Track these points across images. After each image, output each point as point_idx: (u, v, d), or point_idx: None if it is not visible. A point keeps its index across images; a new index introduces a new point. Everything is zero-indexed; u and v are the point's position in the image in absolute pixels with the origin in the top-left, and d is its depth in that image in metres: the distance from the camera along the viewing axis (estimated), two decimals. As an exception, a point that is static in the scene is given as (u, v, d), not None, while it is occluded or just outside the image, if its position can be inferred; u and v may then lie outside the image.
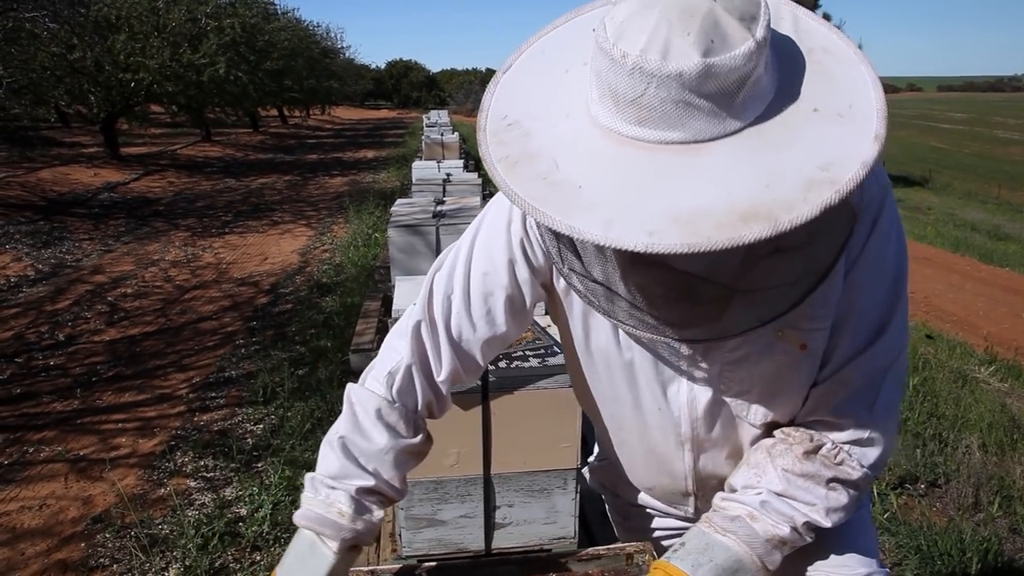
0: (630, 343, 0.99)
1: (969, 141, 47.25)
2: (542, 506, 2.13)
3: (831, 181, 0.65)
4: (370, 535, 1.02)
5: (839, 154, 0.67)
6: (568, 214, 0.68)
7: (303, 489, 1.03)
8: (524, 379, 2.00)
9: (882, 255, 0.89)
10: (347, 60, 36.86)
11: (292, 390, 4.00)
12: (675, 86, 0.67)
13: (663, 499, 1.23)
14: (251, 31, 15.96)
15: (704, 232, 0.64)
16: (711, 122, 0.69)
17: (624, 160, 0.70)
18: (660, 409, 1.03)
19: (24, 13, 9.04)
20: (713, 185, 0.67)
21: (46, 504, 3.07)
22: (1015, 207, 22.28)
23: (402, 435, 1.01)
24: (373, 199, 10.06)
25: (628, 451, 1.17)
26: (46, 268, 6.92)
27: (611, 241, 0.66)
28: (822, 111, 0.71)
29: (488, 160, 0.76)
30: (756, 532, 0.92)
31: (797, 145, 0.69)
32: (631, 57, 0.68)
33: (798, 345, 0.90)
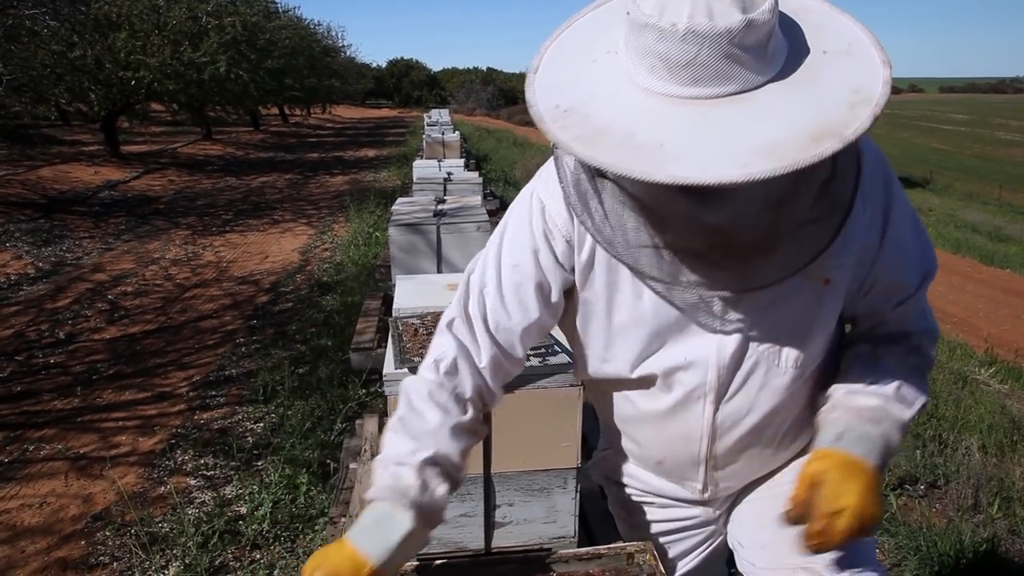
0: (656, 310, 1.05)
1: (970, 143, 47.22)
2: (542, 505, 2.13)
3: (867, 99, 0.79)
4: (439, 511, 1.06)
5: (861, 79, 0.81)
6: (663, 168, 0.76)
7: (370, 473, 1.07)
8: (525, 378, 2.00)
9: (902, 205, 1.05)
10: (348, 59, 36.84)
11: (292, 389, 4.00)
12: (724, 42, 0.78)
13: (672, 474, 1.23)
14: (252, 29, 15.94)
15: (789, 156, 0.75)
16: (753, 72, 0.81)
17: (691, 116, 0.80)
18: (684, 363, 1.07)
19: (24, 11, 9.03)
20: (775, 122, 0.78)
21: (46, 502, 3.07)
22: (1016, 209, 22.27)
23: (453, 413, 1.08)
24: (374, 198, 10.05)
25: (643, 423, 1.19)
26: (46, 266, 6.93)
27: (713, 179, 0.75)
28: (830, 52, 0.84)
29: (563, 142, 0.83)
30: (898, 418, 1.04)
31: (824, 79, 0.82)
32: (681, 24, 0.78)
33: (822, 281, 1.01)
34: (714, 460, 1.16)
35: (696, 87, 0.81)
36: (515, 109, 44.66)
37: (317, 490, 3.04)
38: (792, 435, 1.18)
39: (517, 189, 10.13)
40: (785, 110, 0.80)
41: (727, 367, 1.06)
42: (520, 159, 15.72)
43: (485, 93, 49.10)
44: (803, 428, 1.17)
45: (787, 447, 1.20)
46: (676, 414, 1.12)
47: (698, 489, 1.22)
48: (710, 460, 1.16)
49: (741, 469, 1.19)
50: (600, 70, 0.88)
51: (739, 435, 1.12)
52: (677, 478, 1.24)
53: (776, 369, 1.06)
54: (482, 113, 43.29)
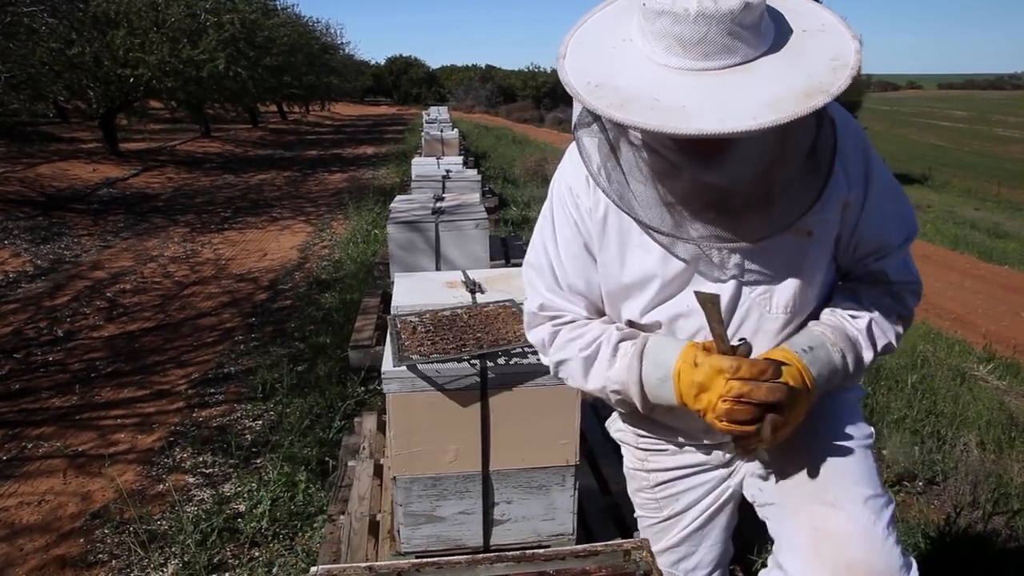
0: (662, 264, 1.20)
1: (969, 139, 47.23)
2: (540, 503, 2.13)
3: (844, 64, 0.97)
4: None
5: (838, 49, 0.99)
6: (687, 123, 0.92)
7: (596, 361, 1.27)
8: (523, 376, 2.00)
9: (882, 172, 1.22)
10: (347, 56, 36.77)
11: (291, 386, 4.00)
12: (728, 22, 0.95)
13: (684, 419, 1.32)
14: (251, 27, 15.92)
15: (789, 108, 0.92)
16: (752, 47, 0.98)
17: (705, 83, 0.97)
18: (686, 310, 1.22)
19: (23, 8, 9.02)
20: (774, 83, 0.96)
21: (45, 500, 3.07)
22: (1015, 205, 22.29)
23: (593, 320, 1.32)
24: (373, 195, 10.05)
25: None
26: (45, 264, 6.92)
27: (730, 128, 0.91)
28: (809, 31, 1.03)
29: (599, 108, 0.99)
30: (859, 354, 1.21)
31: (808, 50, 1.00)
32: (692, 9, 0.95)
33: (805, 233, 1.16)
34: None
35: (706, 60, 0.97)
36: (514, 106, 44.67)
37: (316, 488, 3.04)
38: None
39: (516, 186, 10.14)
40: (781, 75, 0.97)
41: (724, 311, 1.18)
42: (519, 156, 15.71)
43: (484, 90, 49.04)
44: None
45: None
46: None
47: (703, 429, 1.30)
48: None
49: None
50: (620, 53, 1.05)
51: None
52: (688, 423, 1.34)
53: (768, 315, 1.22)
54: (481, 110, 43.23)
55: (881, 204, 1.21)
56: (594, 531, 2.35)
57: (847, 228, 1.22)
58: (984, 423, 4.04)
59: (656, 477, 1.46)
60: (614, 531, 2.34)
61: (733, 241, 1.12)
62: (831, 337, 1.19)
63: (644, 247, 1.21)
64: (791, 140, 1.08)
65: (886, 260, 1.24)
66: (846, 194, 1.18)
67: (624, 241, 1.23)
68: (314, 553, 2.62)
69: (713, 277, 1.20)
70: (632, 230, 1.21)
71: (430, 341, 2.01)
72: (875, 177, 1.21)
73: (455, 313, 2.20)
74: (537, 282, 1.33)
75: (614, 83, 1.00)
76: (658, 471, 1.45)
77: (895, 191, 1.24)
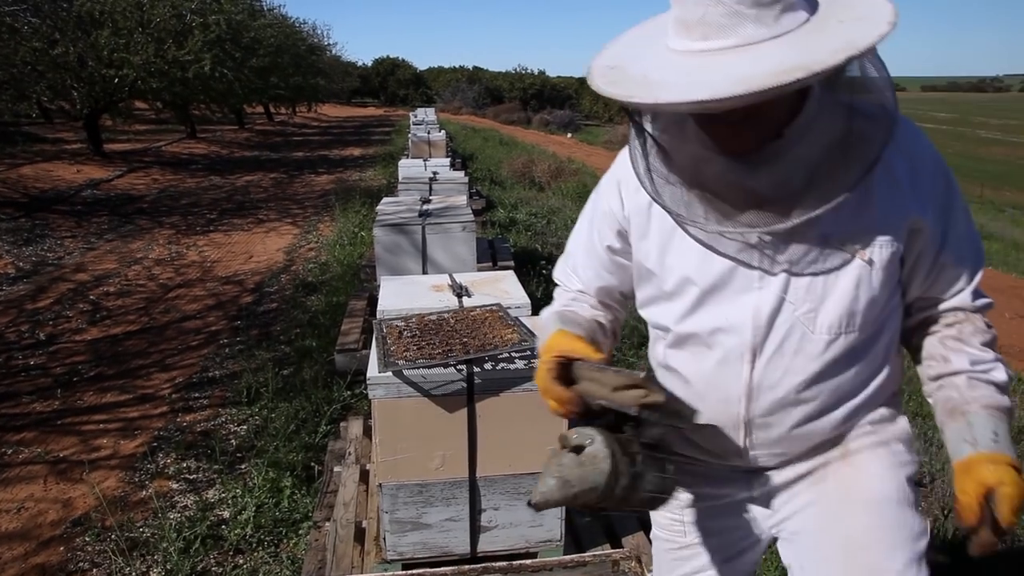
0: (705, 266, 1.17)
1: (952, 140, 47.66)
2: (528, 509, 2.11)
3: (850, 46, 0.90)
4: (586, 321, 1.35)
5: (859, 35, 0.92)
6: (649, 92, 0.95)
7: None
8: (510, 381, 1.98)
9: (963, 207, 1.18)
10: (334, 57, 36.64)
11: (276, 390, 3.96)
12: (731, 3, 0.93)
13: (712, 442, 1.29)
14: (237, 28, 15.81)
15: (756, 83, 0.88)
16: (757, 28, 0.95)
17: (698, 62, 0.97)
18: (725, 324, 1.18)
19: (5, 8, 8.91)
20: (760, 63, 0.91)
21: (24, 507, 3.02)
22: (998, 206, 22.49)
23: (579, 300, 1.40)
24: (359, 197, 10.00)
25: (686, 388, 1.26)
26: (27, 266, 6.84)
27: (716, 95, 0.89)
28: (846, 22, 0.96)
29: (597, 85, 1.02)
30: (1012, 405, 1.18)
31: (827, 35, 0.94)
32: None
33: (864, 258, 1.12)
34: (751, 423, 1.22)
35: (705, 42, 0.97)
36: (501, 108, 44.65)
37: (301, 494, 3.01)
38: (832, 411, 1.22)
39: (503, 188, 10.13)
40: (775, 56, 0.92)
41: (763, 327, 1.16)
42: (506, 158, 15.67)
43: (471, 92, 48.95)
44: (846, 405, 1.22)
45: (828, 422, 1.23)
46: (716, 376, 1.21)
47: (737, 453, 1.27)
48: (748, 423, 1.22)
49: (778, 436, 1.24)
50: (651, 43, 1.07)
51: (776, 398, 1.19)
52: (717, 445, 1.29)
53: (811, 335, 1.15)
54: (468, 112, 43.14)
55: (962, 242, 1.18)
56: (582, 538, 2.33)
57: (925, 258, 1.17)
58: (970, 424, 4.05)
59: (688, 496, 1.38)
60: (602, 538, 2.32)
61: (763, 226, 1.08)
62: (996, 412, 1.15)
63: (683, 251, 1.20)
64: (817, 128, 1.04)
65: (968, 292, 1.21)
66: (915, 216, 1.12)
67: (665, 244, 1.23)
68: (299, 560, 2.59)
69: (751, 286, 1.16)
70: (675, 233, 1.20)
71: (416, 346, 1.99)
72: (958, 211, 1.17)
73: (441, 317, 2.17)
74: (566, 258, 1.45)
75: (626, 66, 1.04)
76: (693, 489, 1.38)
77: (971, 220, 1.21)
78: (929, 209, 1.13)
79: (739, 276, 1.16)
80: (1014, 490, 1.05)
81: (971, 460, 1.11)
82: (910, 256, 1.16)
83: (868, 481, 1.24)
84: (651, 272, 1.25)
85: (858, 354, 1.19)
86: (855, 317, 1.15)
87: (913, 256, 1.17)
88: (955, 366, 1.19)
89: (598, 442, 1.05)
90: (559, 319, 1.32)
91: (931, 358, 1.23)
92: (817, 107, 1.06)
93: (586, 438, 1.06)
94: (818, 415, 1.22)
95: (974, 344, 1.19)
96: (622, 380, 1.07)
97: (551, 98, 52.32)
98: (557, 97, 52.81)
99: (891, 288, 1.18)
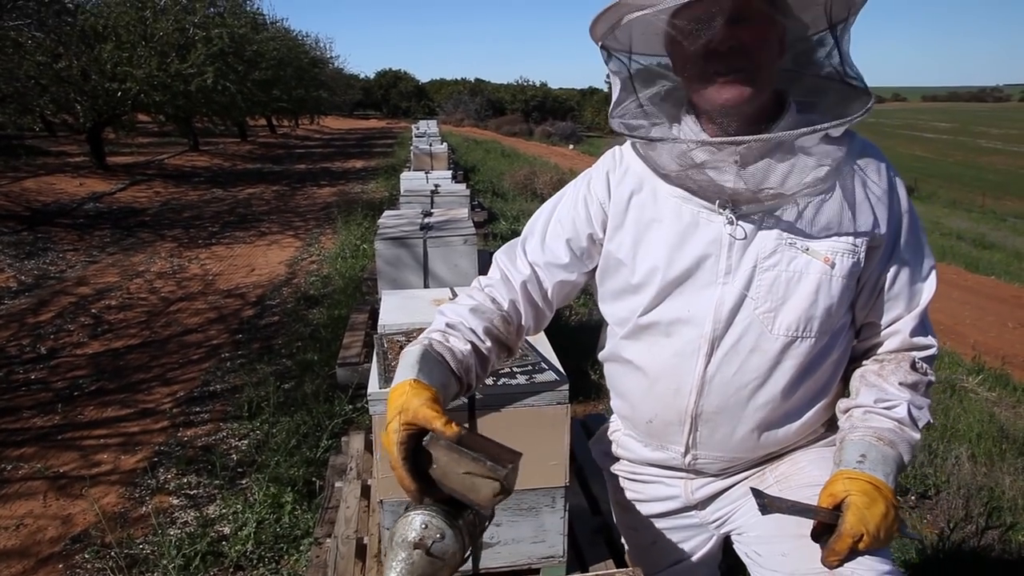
0: (674, 258, 1.21)
1: (953, 150, 47.74)
2: (530, 525, 2.09)
3: None
4: (464, 360, 1.23)
5: None
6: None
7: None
8: (511, 397, 1.96)
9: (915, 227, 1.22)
10: (336, 70, 36.80)
11: (278, 404, 3.95)
12: None
13: (659, 435, 1.32)
14: (240, 41, 15.89)
15: None
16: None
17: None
18: (686, 315, 1.22)
19: (9, 22, 8.96)
20: None
21: (23, 523, 3.00)
22: (999, 215, 22.48)
23: (482, 303, 1.32)
24: (361, 209, 10.01)
25: (641, 378, 1.31)
26: (29, 279, 6.84)
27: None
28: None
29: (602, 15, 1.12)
30: (908, 439, 1.18)
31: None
32: None
33: (823, 259, 1.15)
34: (698, 419, 1.26)
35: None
36: (503, 120, 44.80)
37: (302, 509, 2.99)
38: (777, 427, 1.26)
39: (505, 200, 10.13)
40: None
41: (724, 321, 1.19)
42: (508, 170, 15.71)
43: (473, 104, 49.15)
44: (790, 425, 1.26)
45: (771, 438, 1.27)
46: (671, 366, 1.25)
47: (680, 452, 1.31)
48: (695, 418, 1.26)
49: (722, 439, 1.27)
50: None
51: (726, 394, 1.22)
52: (662, 440, 1.33)
53: (768, 334, 1.19)
54: (470, 124, 43.29)
55: (911, 262, 1.22)
56: (585, 553, 2.31)
57: (872, 274, 1.21)
58: (975, 436, 4.03)
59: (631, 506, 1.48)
60: (605, 552, 2.30)
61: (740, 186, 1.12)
62: (874, 439, 1.17)
63: (655, 244, 1.23)
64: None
65: (906, 321, 1.24)
66: (876, 233, 1.18)
67: (639, 237, 1.26)
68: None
69: (716, 276, 1.19)
70: (650, 226, 1.24)
71: (417, 361, 1.98)
72: (909, 228, 1.21)
73: (443, 332, 2.16)
74: (519, 240, 1.40)
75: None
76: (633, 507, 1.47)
77: (925, 247, 1.24)
78: (886, 226, 1.19)
79: (705, 270, 1.19)
80: (861, 499, 1.07)
81: (832, 478, 1.14)
82: (865, 272, 1.20)
83: (807, 469, 1.28)
84: (621, 263, 1.28)
85: (809, 365, 1.22)
86: (812, 322, 1.18)
87: (867, 273, 1.20)
88: (859, 401, 1.23)
89: (448, 538, 1.00)
90: (420, 361, 1.17)
91: (850, 391, 1.28)
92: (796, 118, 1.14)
93: (436, 532, 0.99)
94: (764, 427, 1.25)
95: (891, 382, 1.22)
96: (478, 470, 1.00)
97: (553, 110, 52.51)
98: (559, 109, 52.99)
99: (847, 302, 1.21)
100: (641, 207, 1.26)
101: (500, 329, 1.30)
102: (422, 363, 1.15)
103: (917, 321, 1.24)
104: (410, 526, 1.00)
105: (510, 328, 1.32)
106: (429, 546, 0.99)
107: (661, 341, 1.25)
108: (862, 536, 1.05)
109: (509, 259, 1.37)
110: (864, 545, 1.06)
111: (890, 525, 1.08)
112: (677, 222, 1.22)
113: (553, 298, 1.36)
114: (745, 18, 1.06)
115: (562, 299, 1.38)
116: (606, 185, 1.31)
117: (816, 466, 1.27)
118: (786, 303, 1.17)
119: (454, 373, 1.20)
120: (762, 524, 1.26)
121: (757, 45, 1.08)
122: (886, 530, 1.07)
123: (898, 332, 1.25)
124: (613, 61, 1.23)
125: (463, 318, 1.27)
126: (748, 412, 1.23)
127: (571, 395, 1.82)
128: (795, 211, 1.16)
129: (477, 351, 1.25)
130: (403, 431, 1.04)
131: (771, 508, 1.09)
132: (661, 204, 1.24)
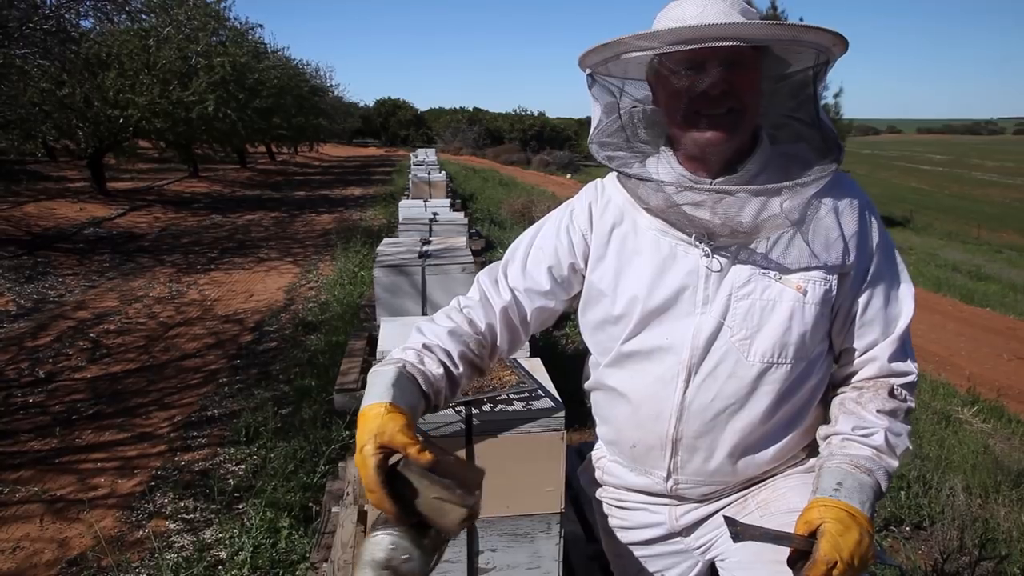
0: (654, 289, 1.25)
1: (949, 182, 48.11)
2: (526, 551, 2.11)
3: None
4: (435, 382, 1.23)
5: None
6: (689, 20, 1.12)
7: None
8: (508, 423, 1.99)
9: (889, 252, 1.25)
10: (336, 98, 37.13)
11: (275, 430, 3.96)
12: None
13: (642, 460, 1.35)
14: (241, 69, 16.08)
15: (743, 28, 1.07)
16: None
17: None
18: (666, 343, 1.25)
19: (15, 51, 9.08)
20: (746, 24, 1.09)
21: (20, 546, 3.00)
22: (995, 247, 22.61)
23: (460, 324, 1.32)
24: (360, 237, 10.07)
25: (623, 404, 1.33)
26: (28, 303, 6.86)
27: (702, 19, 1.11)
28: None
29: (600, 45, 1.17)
30: (886, 467, 1.20)
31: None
32: None
33: (795, 287, 1.20)
34: (678, 443, 1.28)
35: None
36: (501, 148, 45.06)
37: (299, 534, 3.00)
38: (755, 451, 1.28)
39: (503, 228, 10.18)
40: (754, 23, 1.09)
41: (701, 348, 1.23)
42: (506, 198, 15.81)
43: (471, 133, 49.49)
44: (767, 449, 1.28)
45: (749, 462, 1.29)
46: (652, 392, 1.28)
47: (661, 478, 1.34)
48: (675, 443, 1.29)
49: (702, 464, 1.30)
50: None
51: (705, 419, 1.25)
52: (645, 465, 1.36)
53: (744, 361, 1.22)
54: (468, 152, 43.57)
55: (886, 289, 1.24)
56: (580, 579, 2.32)
57: (844, 301, 1.24)
58: (969, 467, 4.05)
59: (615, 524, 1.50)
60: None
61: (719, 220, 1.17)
62: (851, 467, 1.17)
63: (636, 275, 1.27)
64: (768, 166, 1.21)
65: (883, 347, 1.25)
66: (847, 261, 1.21)
67: (621, 268, 1.29)
68: (296, 602, 2.57)
69: (694, 305, 1.23)
70: (632, 259, 1.28)
71: (416, 387, 2.01)
72: (882, 255, 1.24)
73: (441, 358, 2.19)
74: (500, 263, 1.41)
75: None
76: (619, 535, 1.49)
77: (901, 274, 1.26)
78: (859, 254, 1.22)
79: (684, 301, 1.24)
80: (835, 527, 1.07)
81: (808, 505, 1.14)
82: (838, 299, 1.23)
83: (787, 495, 1.30)
84: (603, 293, 1.31)
85: (786, 392, 1.24)
86: (787, 348, 1.22)
87: (839, 300, 1.23)
88: (838, 428, 1.25)
89: (415, 558, 1.02)
90: (394, 383, 1.15)
91: (829, 417, 1.29)
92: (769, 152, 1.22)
93: (403, 553, 1.02)
94: (742, 451, 1.28)
95: (869, 409, 1.23)
96: (447, 496, 1.02)
97: (551, 139, 52.85)
98: (557, 138, 53.33)
99: (822, 330, 1.25)
100: (623, 239, 1.30)
101: (475, 352, 1.31)
102: (396, 386, 1.15)
103: (895, 347, 1.25)
104: (378, 546, 1.02)
105: (484, 351, 1.34)
106: (396, 566, 1.01)
107: (643, 368, 1.29)
108: (836, 563, 1.05)
109: (491, 282, 1.38)
110: (838, 572, 1.06)
111: (864, 552, 1.08)
112: (656, 254, 1.26)
113: (531, 323, 1.38)
114: (737, 63, 1.12)
115: (539, 324, 1.41)
116: (588, 216, 1.35)
117: (796, 492, 1.28)
118: (761, 330, 1.21)
119: (425, 395, 1.21)
120: (742, 550, 1.27)
121: (746, 90, 1.15)
122: (860, 557, 1.07)
123: (876, 359, 1.26)
124: (597, 87, 1.29)
125: (440, 340, 1.27)
126: (726, 436, 1.26)
127: (567, 422, 1.85)
128: (768, 243, 1.20)
129: (449, 375, 1.26)
130: (378, 454, 1.05)
131: (743, 536, 1.10)
132: (641, 237, 1.28)
